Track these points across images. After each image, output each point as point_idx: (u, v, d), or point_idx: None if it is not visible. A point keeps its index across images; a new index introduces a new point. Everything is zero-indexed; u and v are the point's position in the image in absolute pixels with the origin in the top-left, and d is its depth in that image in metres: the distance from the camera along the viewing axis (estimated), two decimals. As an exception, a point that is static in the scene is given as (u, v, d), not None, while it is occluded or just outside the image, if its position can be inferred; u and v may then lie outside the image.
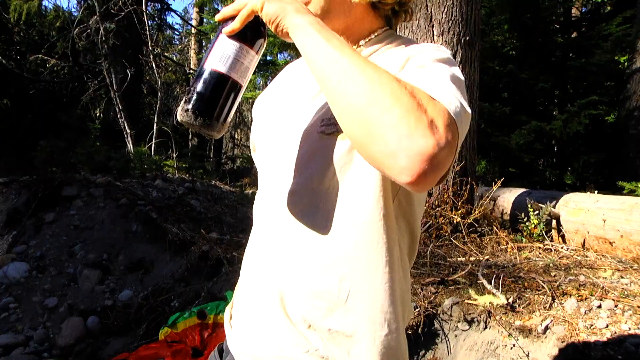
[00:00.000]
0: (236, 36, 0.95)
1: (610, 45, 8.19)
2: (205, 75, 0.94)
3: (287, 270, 1.07)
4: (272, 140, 1.18)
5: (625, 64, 8.35)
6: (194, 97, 0.93)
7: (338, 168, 1.02)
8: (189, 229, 5.09)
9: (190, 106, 0.92)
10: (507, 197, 5.38)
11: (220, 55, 0.94)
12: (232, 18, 0.96)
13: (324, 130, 1.03)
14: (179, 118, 0.93)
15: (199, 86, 0.93)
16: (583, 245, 4.17)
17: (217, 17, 0.99)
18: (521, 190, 5.42)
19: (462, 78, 0.97)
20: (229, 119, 0.96)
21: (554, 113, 9.14)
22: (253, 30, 0.97)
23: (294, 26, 0.91)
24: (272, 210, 1.12)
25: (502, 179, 4.94)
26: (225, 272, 4.14)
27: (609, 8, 10.61)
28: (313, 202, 1.04)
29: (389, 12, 1.17)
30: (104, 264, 4.77)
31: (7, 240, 5.13)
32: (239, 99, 0.98)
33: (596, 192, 4.55)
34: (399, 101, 0.75)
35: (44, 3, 15.66)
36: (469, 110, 0.87)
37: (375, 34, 1.16)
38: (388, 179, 0.98)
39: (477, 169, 9.27)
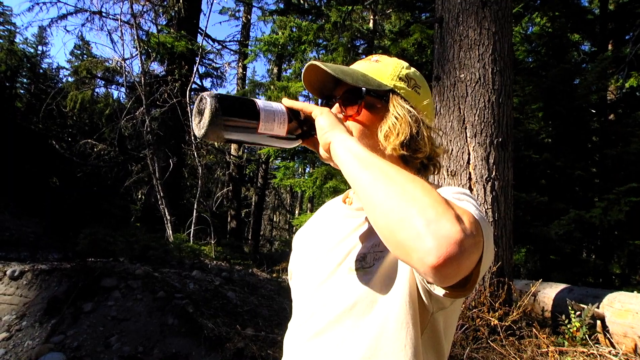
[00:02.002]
0: (288, 110, 1.10)
1: (646, 133, 8.13)
2: (247, 98, 1.07)
3: None
4: (307, 274, 1.27)
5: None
6: (229, 95, 1.03)
7: (366, 303, 1.08)
8: (225, 323, 5.08)
9: (219, 94, 1.00)
10: (548, 293, 5.23)
11: (268, 104, 1.08)
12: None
13: (351, 266, 1.13)
14: (204, 93, 1.00)
15: (238, 97, 1.06)
16: (635, 350, 3.96)
17: (285, 100, 1.13)
18: (562, 286, 5.26)
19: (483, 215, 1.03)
20: (224, 136, 1.02)
21: (595, 200, 8.96)
22: (299, 123, 1.12)
23: (337, 140, 1.02)
24: (303, 341, 1.18)
25: (540, 280, 4.80)
26: (260, 371, 4.10)
27: (645, 90, 10.58)
28: (343, 334, 1.10)
29: (418, 165, 1.25)
30: (139, 357, 4.76)
31: (46, 329, 5.18)
32: (242, 138, 1.06)
33: (645, 291, 4.36)
34: (429, 194, 0.82)
35: (96, 90, 16.65)
36: (490, 227, 0.94)
37: None
38: (417, 311, 1.05)
39: (516, 258, 9.06)
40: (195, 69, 13.01)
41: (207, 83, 18.74)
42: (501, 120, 4.45)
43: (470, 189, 4.38)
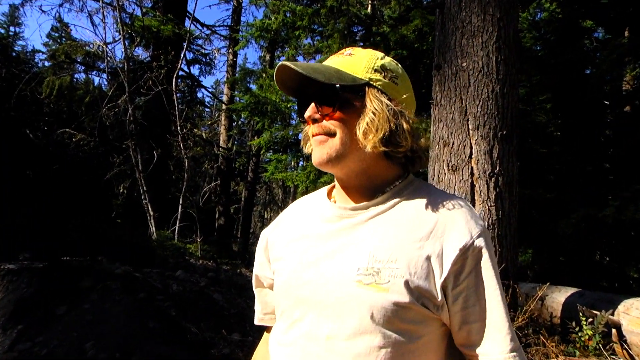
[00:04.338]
0: None
1: (664, 124, 8.10)
2: None
3: None
4: (298, 283, 1.22)
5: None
6: None
7: (377, 322, 1.07)
8: (210, 328, 5.07)
9: None
10: (557, 298, 5.19)
11: None
12: None
13: (361, 279, 1.09)
14: None
15: None
16: (657, 364, 3.92)
17: None
18: (573, 290, 5.21)
19: (497, 269, 1.14)
20: None
21: (609, 197, 8.90)
22: None
23: None
24: (296, 353, 1.17)
25: (548, 283, 4.78)
26: (246, 379, 4.09)
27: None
28: (344, 351, 1.09)
29: (402, 160, 1.25)
30: (116, 365, 4.72)
31: (10, 335, 4.94)
32: None
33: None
34: None
35: (75, 76, 16.59)
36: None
37: (397, 183, 1.24)
38: (436, 333, 1.13)
39: (522, 259, 9.05)
40: (182, 54, 12.98)
41: (195, 70, 18.78)
42: (506, 112, 4.43)
43: (473, 185, 4.36)
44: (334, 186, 1.37)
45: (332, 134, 1.17)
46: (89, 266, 5.94)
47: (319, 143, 1.18)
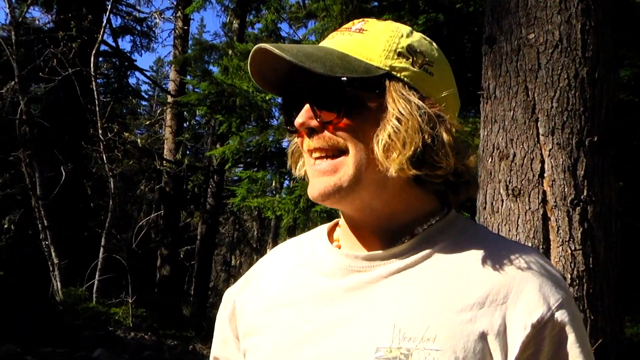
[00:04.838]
0: None
1: None
2: None
3: None
4: None
5: None
6: None
7: None
8: None
9: None
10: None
11: None
12: None
13: None
14: None
15: None
16: None
17: None
18: None
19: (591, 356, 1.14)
20: None
21: None
22: None
23: None
24: None
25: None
26: None
27: None
28: None
29: (441, 187, 1.24)
30: None
31: None
32: None
33: None
34: None
35: None
36: None
37: (433, 221, 1.25)
38: None
39: (633, 332, 9.00)
40: (104, 20, 13.01)
41: (125, 44, 18.95)
42: (597, 107, 4.40)
43: (546, 218, 4.32)
44: (337, 224, 1.37)
45: (343, 151, 1.16)
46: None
47: (323, 173, 1.17)
